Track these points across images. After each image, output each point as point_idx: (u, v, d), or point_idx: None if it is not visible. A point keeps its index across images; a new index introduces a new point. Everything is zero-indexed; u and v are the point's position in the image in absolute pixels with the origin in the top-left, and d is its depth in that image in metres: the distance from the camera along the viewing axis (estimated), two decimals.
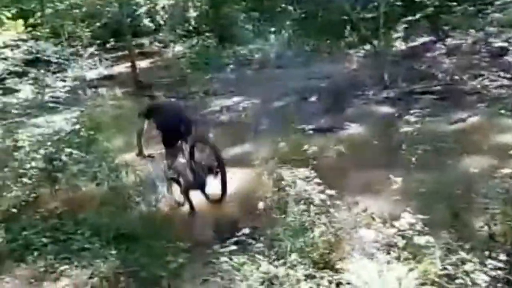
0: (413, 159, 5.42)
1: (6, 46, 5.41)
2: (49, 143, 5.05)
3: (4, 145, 5.17)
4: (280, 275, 3.35)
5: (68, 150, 5.00)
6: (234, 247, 3.72)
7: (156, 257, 3.96)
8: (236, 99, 10.46)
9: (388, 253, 3.39)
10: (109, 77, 15.09)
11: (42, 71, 6.20)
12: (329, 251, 3.54)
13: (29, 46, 6.00)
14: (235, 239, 3.82)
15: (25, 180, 4.92)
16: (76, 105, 6.80)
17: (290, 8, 15.71)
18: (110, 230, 4.41)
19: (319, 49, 13.46)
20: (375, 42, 10.47)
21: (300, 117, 8.46)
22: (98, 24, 17.23)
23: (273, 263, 3.54)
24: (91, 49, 15.19)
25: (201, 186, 5.42)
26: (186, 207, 5.44)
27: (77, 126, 5.45)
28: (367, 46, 11.96)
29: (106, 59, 16.02)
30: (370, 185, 5.10)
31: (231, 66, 13.47)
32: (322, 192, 3.76)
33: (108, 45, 16.26)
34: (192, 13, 18.15)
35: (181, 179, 5.53)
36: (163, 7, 17.17)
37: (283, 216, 3.91)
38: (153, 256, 3.98)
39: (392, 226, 3.53)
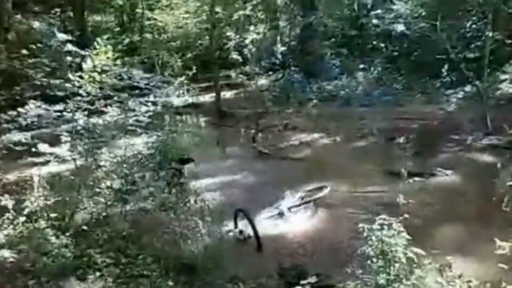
0: None
1: (102, 72, 5.62)
2: (125, 165, 5.07)
3: (86, 164, 5.30)
4: None
5: (141, 173, 4.99)
6: None
7: None
8: (316, 135, 10.09)
9: None
10: (194, 106, 15.71)
11: (127, 95, 6.42)
12: None
13: (121, 72, 6.21)
14: None
15: (99, 199, 4.95)
16: (158, 130, 6.91)
17: (382, 45, 15.16)
18: (171, 258, 4.21)
19: (411, 88, 12.65)
20: (478, 83, 9.50)
21: (384, 159, 7.86)
22: (189, 55, 18.26)
23: None
24: (181, 78, 15.98)
25: None
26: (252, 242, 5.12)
27: (153, 151, 5.45)
28: (467, 88, 10.96)
29: (193, 89, 16.80)
30: (466, 245, 4.34)
31: (314, 101, 13.17)
32: (407, 247, 3.19)
33: (196, 76, 17.05)
34: (280, 48, 18.46)
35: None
36: (252, 41, 17.64)
37: (358, 270, 3.39)
38: None
39: None
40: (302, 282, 3.43)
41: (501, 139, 8.28)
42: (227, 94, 16.08)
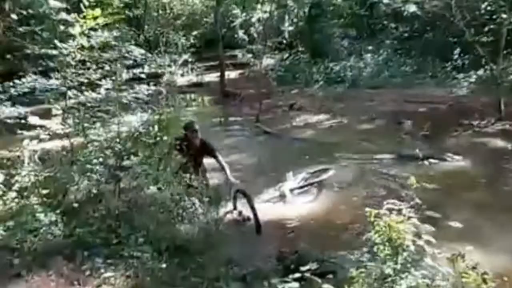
0: None
1: (100, 48, 5.31)
2: (119, 141, 4.81)
3: (79, 139, 5.04)
4: None
5: (134, 150, 4.72)
6: (296, 285, 3.05)
7: (207, 280, 3.43)
8: (322, 116, 9.79)
9: None
10: (199, 85, 15.43)
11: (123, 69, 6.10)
12: None
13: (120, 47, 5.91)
14: (299, 274, 3.14)
15: (92, 175, 4.71)
16: (158, 108, 6.61)
17: (392, 26, 14.66)
18: (165, 239, 3.99)
19: (421, 71, 12.23)
20: (493, 66, 9.09)
21: (391, 143, 7.57)
22: (195, 33, 17.85)
23: None
24: (185, 56, 15.61)
25: None
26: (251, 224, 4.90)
27: (149, 128, 5.17)
28: (480, 71, 10.54)
29: (198, 68, 16.47)
30: (480, 234, 4.08)
31: (321, 82, 12.82)
32: (417, 235, 2.93)
33: (201, 55, 16.69)
34: (287, 27, 17.96)
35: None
36: (259, 20, 17.18)
37: (362, 257, 3.14)
38: (204, 278, 3.46)
39: None
40: (302, 268, 3.18)
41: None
42: (232, 73, 15.77)
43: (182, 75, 15.74)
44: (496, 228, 4.43)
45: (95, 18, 4.70)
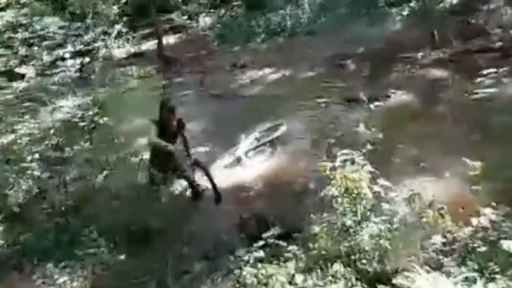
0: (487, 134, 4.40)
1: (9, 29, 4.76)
2: (53, 131, 4.44)
3: (6, 136, 4.61)
4: None
5: (73, 138, 4.40)
6: (261, 253, 3.00)
7: (169, 265, 3.31)
8: (266, 70, 9.59)
9: (463, 264, 2.55)
10: (137, 55, 14.61)
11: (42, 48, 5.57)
12: (383, 260, 2.73)
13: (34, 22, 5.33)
14: (263, 242, 3.08)
15: (30, 172, 4.35)
16: (94, 87, 6.18)
17: None
18: (119, 228, 3.80)
19: (355, 12, 12.18)
20: None
21: (336, 87, 7.57)
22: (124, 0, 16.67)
23: (308, 275, 2.79)
24: (118, 27, 14.66)
25: None
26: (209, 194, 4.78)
27: (85, 112, 4.81)
28: (412, 3, 10.65)
29: (133, 37, 15.54)
30: (433, 170, 4.16)
31: (261, 35, 12.50)
32: (373, 180, 2.91)
33: (135, 23, 15.73)
34: None
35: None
36: None
37: (322, 213, 3.12)
38: (166, 263, 3.34)
39: (468, 225, 2.67)
40: (265, 234, 3.12)
41: (448, 52, 8.13)
42: (170, 39, 14.97)
43: (118, 47, 14.86)
44: (445, 156, 4.51)
45: None
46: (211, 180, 4.84)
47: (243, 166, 5.54)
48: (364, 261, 2.75)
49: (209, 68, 10.51)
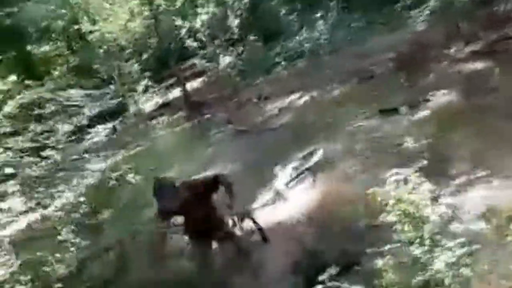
0: None
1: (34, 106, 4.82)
2: (86, 198, 4.32)
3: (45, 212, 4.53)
4: None
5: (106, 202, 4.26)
6: None
7: None
8: (292, 97, 9.34)
9: None
10: (166, 105, 14.86)
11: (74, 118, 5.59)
12: None
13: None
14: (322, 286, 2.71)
15: (67, 245, 4.22)
16: (126, 145, 6.13)
17: None
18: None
19: (372, 22, 11.87)
20: None
21: (371, 99, 7.16)
22: (145, 56, 17.21)
23: None
24: (143, 82, 15.13)
25: None
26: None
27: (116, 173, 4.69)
28: (431, 2, 10.23)
29: (159, 89, 15.89)
30: (502, 175, 3.53)
31: (282, 64, 12.39)
32: (435, 199, 2.51)
33: (159, 76, 16.14)
34: (233, 21, 17.45)
35: None
36: (203, 23, 16.68)
37: (383, 244, 2.72)
38: None
39: None
40: (321, 277, 2.75)
41: (479, 43, 7.62)
42: (193, 83, 15.24)
43: (146, 101, 15.23)
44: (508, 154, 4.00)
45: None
46: (255, 222, 4.54)
47: (284, 199, 5.21)
48: None
49: (235, 104, 10.42)
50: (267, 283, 3.57)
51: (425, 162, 2.84)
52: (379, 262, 2.70)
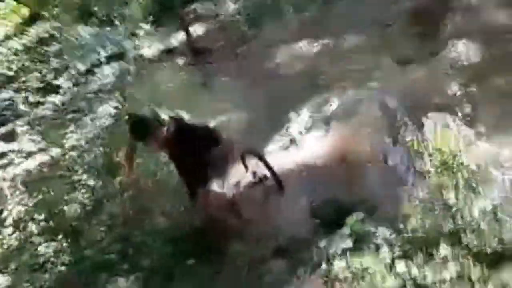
0: None
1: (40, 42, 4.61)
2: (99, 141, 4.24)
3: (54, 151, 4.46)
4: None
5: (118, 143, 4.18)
6: (348, 242, 2.62)
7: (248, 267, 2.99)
8: (304, 44, 9.01)
9: None
10: (168, 51, 14.45)
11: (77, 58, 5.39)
12: (502, 237, 2.25)
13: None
14: (346, 230, 2.69)
15: (83, 185, 4.19)
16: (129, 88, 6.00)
17: None
18: (188, 234, 3.52)
19: None
20: None
21: (386, 50, 6.92)
22: None
23: (410, 261, 2.38)
24: (144, 26, 14.61)
25: None
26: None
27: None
28: None
29: (161, 33, 15.40)
30: None
31: (292, 10, 11.89)
32: (472, 145, 2.42)
33: (161, 19, 15.60)
34: None
35: None
36: None
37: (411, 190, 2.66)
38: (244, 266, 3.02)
39: None
40: (346, 220, 2.71)
41: None
42: (198, 29, 14.70)
43: (148, 47, 14.83)
44: None
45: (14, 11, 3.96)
46: (269, 167, 4.47)
47: (299, 146, 5.14)
48: (478, 240, 2.28)
49: (243, 52, 10.08)
50: (288, 227, 3.56)
51: (457, 106, 2.72)
52: (406, 208, 2.66)
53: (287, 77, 7.64)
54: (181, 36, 14.35)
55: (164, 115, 3.35)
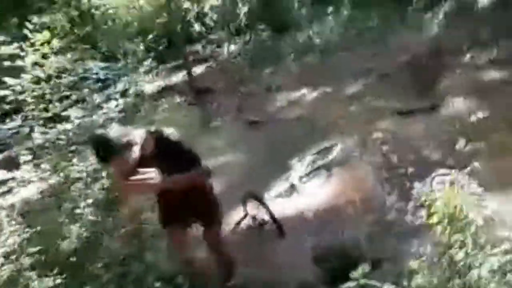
0: None
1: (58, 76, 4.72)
2: (102, 174, 4.25)
3: (57, 181, 4.43)
4: None
5: None
6: None
7: None
8: (304, 90, 9.27)
9: None
10: (168, 88, 14.66)
11: (87, 91, 5.48)
12: None
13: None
14: (352, 283, 2.66)
15: (83, 219, 4.14)
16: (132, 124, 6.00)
17: None
18: (186, 274, 3.47)
19: (386, 20, 11.80)
20: None
21: (383, 100, 7.14)
22: (150, 36, 16.98)
23: None
24: (146, 63, 14.90)
25: None
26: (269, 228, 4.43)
27: None
28: (446, 6, 10.22)
29: (163, 71, 15.68)
30: None
31: (291, 56, 12.28)
32: (481, 201, 2.48)
33: (163, 57, 15.92)
34: (242, 8, 17.25)
35: None
36: (211, 8, 16.49)
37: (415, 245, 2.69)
38: None
39: None
40: (353, 275, 2.70)
41: (502, 51, 7.62)
42: (198, 69, 15.04)
43: (149, 82, 15.04)
44: None
45: (47, 42, 4.07)
46: (270, 212, 4.49)
47: (299, 193, 5.17)
48: None
49: (244, 94, 10.29)
50: (291, 275, 3.52)
51: (462, 164, 2.81)
52: (412, 263, 2.67)
53: (287, 121, 7.81)
54: (182, 74, 14.72)
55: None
